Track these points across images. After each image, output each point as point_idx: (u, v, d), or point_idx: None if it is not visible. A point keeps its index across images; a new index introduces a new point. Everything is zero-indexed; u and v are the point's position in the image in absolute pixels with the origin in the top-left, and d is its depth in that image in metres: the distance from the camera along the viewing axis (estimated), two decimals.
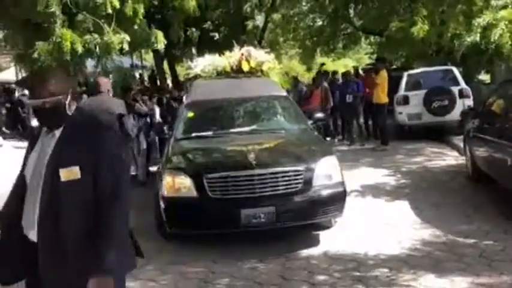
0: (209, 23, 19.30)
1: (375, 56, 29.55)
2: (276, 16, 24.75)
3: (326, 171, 5.65)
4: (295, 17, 25.48)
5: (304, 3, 24.58)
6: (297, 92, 14.73)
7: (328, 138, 12.18)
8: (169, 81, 22.64)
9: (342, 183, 5.73)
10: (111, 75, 9.53)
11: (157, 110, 10.38)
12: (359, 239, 5.62)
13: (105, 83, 5.86)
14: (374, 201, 7.28)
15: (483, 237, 5.45)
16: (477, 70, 17.63)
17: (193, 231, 5.66)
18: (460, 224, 5.95)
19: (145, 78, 23.43)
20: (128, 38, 7.78)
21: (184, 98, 7.78)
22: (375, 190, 7.82)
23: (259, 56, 8.22)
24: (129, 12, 7.73)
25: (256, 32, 24.90)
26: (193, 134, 6.76)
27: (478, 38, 8.89)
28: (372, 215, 6.53)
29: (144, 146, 9.11)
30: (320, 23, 24.77)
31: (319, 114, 7.96)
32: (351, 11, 22.87)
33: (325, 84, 13.55)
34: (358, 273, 4.75)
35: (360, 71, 17.43)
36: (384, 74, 12.07)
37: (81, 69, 8.96)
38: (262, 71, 8.13)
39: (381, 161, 10.28)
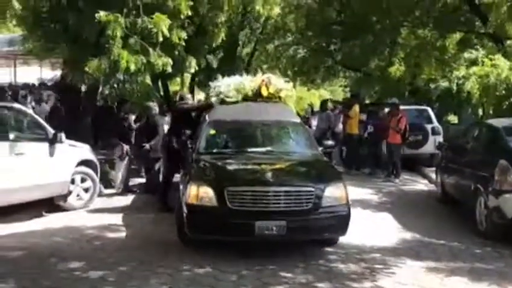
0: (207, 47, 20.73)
1: (348, 89, 31.49)
2: (267, 45, 26.32)
3: (334, 194, 6.25)
4: (280, 47, 27.36)
5: (289, 35, 26.31)
6: (326, 118, 13.99)
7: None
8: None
9: (348, 206, 6.33)
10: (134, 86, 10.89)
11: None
12: (356, 236, 6.95)
13: None
14: (363, 211, 8.84)
15: (451, 239, 7.15)
16: (447, 111, 19.78)
17: (211, 237, 6.29)
18: (432, 230, 7.65)
19: None
20: (171, 61, 9.08)
21: (206, 116, 8.24)
22: (363, 204, 9.39)
23: (278, 83, 8.68)
24: (175, 39, 9.08)
25: (245, 58, 26.64)
26: (214, 150, 7.43)
27: (454, 87, 10.93)
28: (363, 220, 8.07)
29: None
30: (302, 54, 26.59)
31: (330, 142, 8.98)
32: (333, 46, 24.72)
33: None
34: (359, 256, 6.39)
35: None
36: (356, 108, 13.74)
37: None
38: (280, 97, 8.49)
39: (364, 183, 11.93)
